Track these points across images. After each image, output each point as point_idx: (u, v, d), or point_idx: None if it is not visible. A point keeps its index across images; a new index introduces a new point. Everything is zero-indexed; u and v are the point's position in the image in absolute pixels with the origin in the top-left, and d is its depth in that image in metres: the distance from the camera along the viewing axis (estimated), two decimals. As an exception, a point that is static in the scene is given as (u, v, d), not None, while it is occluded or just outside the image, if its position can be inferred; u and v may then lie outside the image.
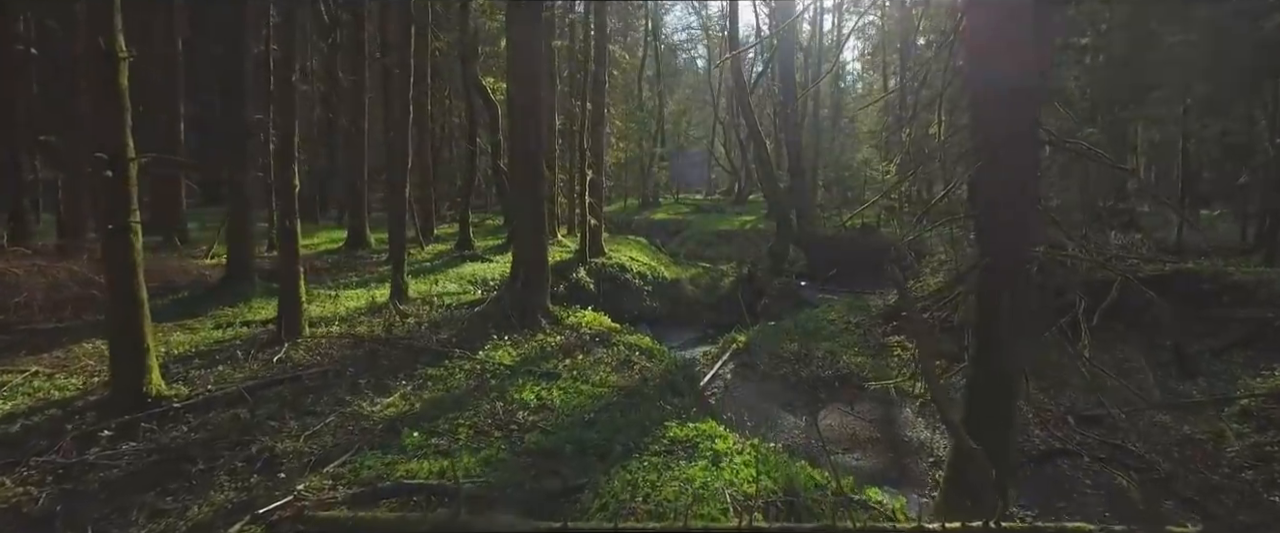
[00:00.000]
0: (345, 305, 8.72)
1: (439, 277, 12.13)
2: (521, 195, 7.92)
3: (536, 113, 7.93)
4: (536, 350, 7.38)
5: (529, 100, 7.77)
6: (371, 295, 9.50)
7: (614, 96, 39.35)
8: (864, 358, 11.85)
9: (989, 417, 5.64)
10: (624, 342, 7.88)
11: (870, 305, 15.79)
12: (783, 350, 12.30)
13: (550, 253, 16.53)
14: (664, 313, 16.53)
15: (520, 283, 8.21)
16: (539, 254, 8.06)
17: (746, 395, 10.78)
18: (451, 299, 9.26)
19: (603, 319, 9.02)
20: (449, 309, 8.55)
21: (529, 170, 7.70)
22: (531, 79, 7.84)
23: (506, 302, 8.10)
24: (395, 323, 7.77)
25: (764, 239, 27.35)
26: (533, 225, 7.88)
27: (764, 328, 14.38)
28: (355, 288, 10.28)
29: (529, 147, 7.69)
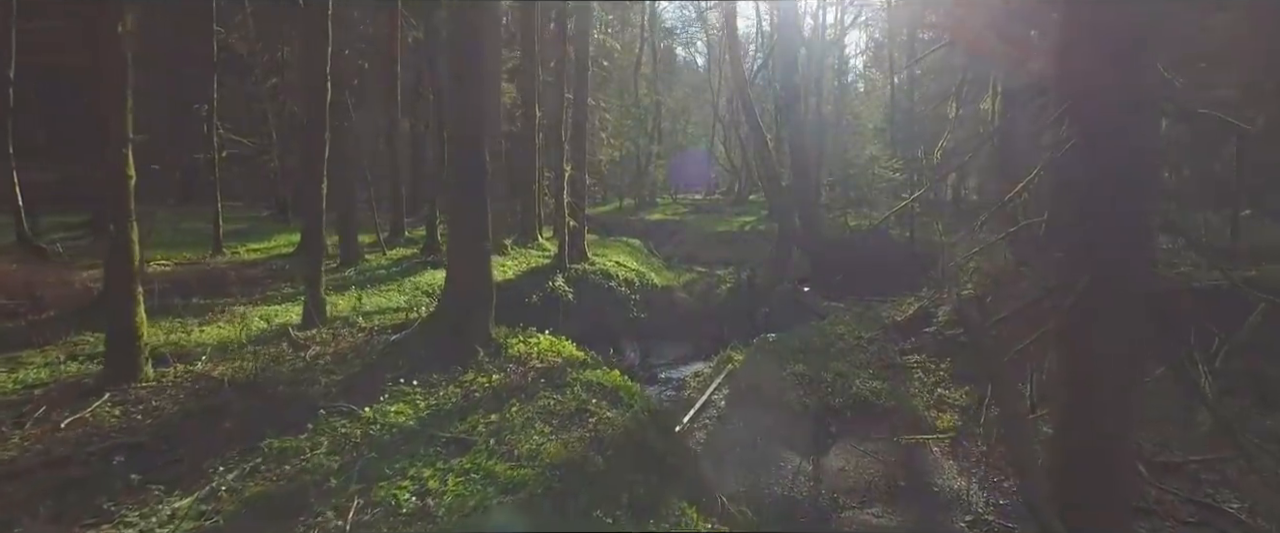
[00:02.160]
0: (238, 331, 7.07)
1: (387, 288, 10.55)
2: (459, 195, 6.37)
3: (479, 93, 6.37)
4: (456, 399, 5.65)
5: (469, 76, 6.21)
6: (288, 315, 7.89)
7: (608, 92, 37.88)
8: (880, 382, 10.23)
9: (1092, 494, 4.02)
10: (583, 380, 6.28)
11: (883, 316, 14.18)
12: (786, 372, 10.68)
13: (525, 259, 14.97)
14: (653, 325, 14.91)
15: (453, 304, 6.60)
16: (479, 269, 6.49)
17: (742, 430, 9.16)
18: (383, 319, 7.64)
19: (563, 346, 7.42)
20: (370, 334, 6.95)
21: (469, 165, 6.15)
22: (473, 50, 6.28)
23: (434, 329, 6.49)
24: (284, 357, 6.17)
25: (765, 241, 25.73)
26: (472, 232, 6.32)
27: (764, 344, 12.76)
28: (274, 305, 8.70)
29: (468, 134, 6.14)
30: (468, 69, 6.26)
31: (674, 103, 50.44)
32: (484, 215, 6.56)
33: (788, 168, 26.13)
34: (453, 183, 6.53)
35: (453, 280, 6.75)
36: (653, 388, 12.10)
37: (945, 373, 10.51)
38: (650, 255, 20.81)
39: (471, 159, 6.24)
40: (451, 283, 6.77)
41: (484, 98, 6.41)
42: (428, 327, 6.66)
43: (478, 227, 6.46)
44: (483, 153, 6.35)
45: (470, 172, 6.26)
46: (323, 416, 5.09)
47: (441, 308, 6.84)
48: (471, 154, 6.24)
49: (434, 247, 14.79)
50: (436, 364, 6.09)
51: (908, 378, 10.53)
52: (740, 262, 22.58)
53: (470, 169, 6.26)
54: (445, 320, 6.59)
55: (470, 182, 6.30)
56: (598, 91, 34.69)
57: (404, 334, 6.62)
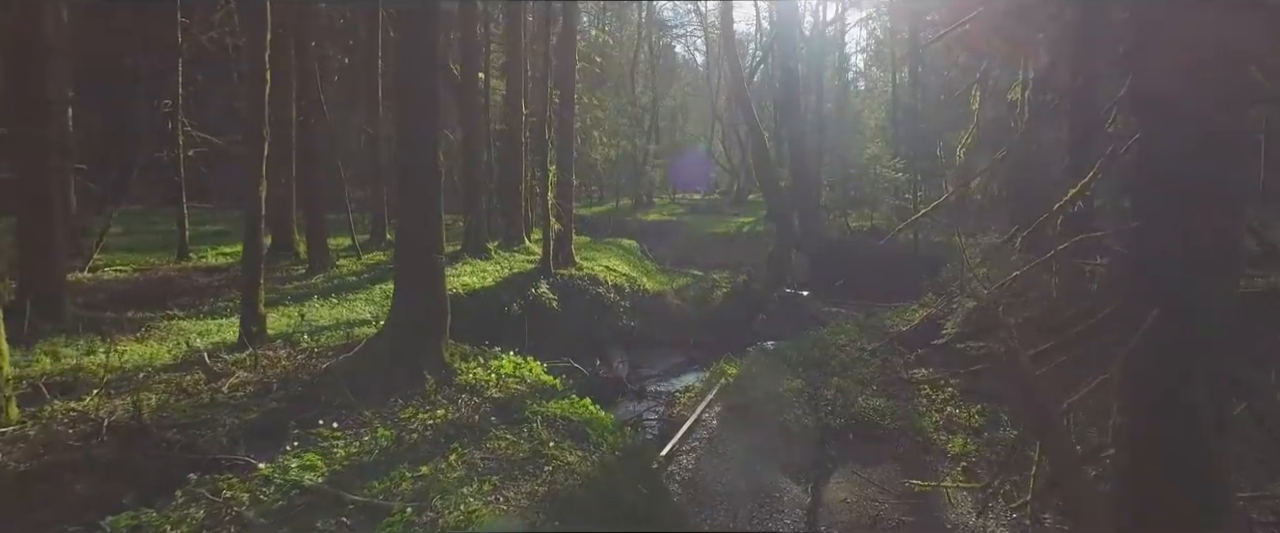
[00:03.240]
0: (162, 352, 6.23)
1: (354, 298, 9.79)
2: (407, 201, 5.58)
3: (429, 88, 5.58)
4: (385, 444, 4.72)
5: (417, 70, 5.42)
6: (227, 332, 7.06)
7: (605, 90, 37.12)
8: (885, 399, 9.44)
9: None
10: (545, 413, 5.49)
11: (886, 325, 13.39)
12: (783, 387, 9.91)
13: (509, 263, 14.20)
14: (643, 334, 14.14)
15: (400, 325, 5.81)
16: (430, 284, 5.69)
17: (735, 453, 8.39)
18: (335, 337, 6.84)
19: (529, 369, 6.62)
20: (311, 356, 6.16)
21: (417, 167, 5.37)
22: (419, 40, 5.48)
23: (377, 353, 5.69)
24: (196, 389, 5.37)
25: (763, 243, 24.94)
26: (422, 243, 5.52)
27: (760, 355, 12.00)
28: (221, 318, 7.92)
29: (418, 135, 5.35)
30: (413, 60, 5.47)
31: (672, 101, 49.73)
32: (436, 224, 5.77)
33: (787, 167, 25.37)
34: (399, 188, 5.73)
35: (400, 298, 5.95)
36: (640, 404, 11.35)
37: (954, 389, 9.72)
38: (643, 258, 20.03)
39: (420, 160, 5.45)
40: (399, 301, 5.97)
41: (433, 103, 5.61)
42: (370, 351, 5.85)
43: (428, 237, 5.67)
44: (433, 153, 5.56)
45: (419, 175, 5.47)
46: (203, 476, 4.15)
47: (386, 330, 6.02)
48: (420, 154, 5.46)
49: (412, 251, 14.00)
50: (375, 396, 5.30)
51: (914, 394, 9.75)
52: (737, 264, 21.78)
53: (419, 172, 5.47)
54: (390, 344, 5.78)
55: (419, 186, 5.51)
56: (594, 90, 33.98)
57: (342, 360, 5.81)
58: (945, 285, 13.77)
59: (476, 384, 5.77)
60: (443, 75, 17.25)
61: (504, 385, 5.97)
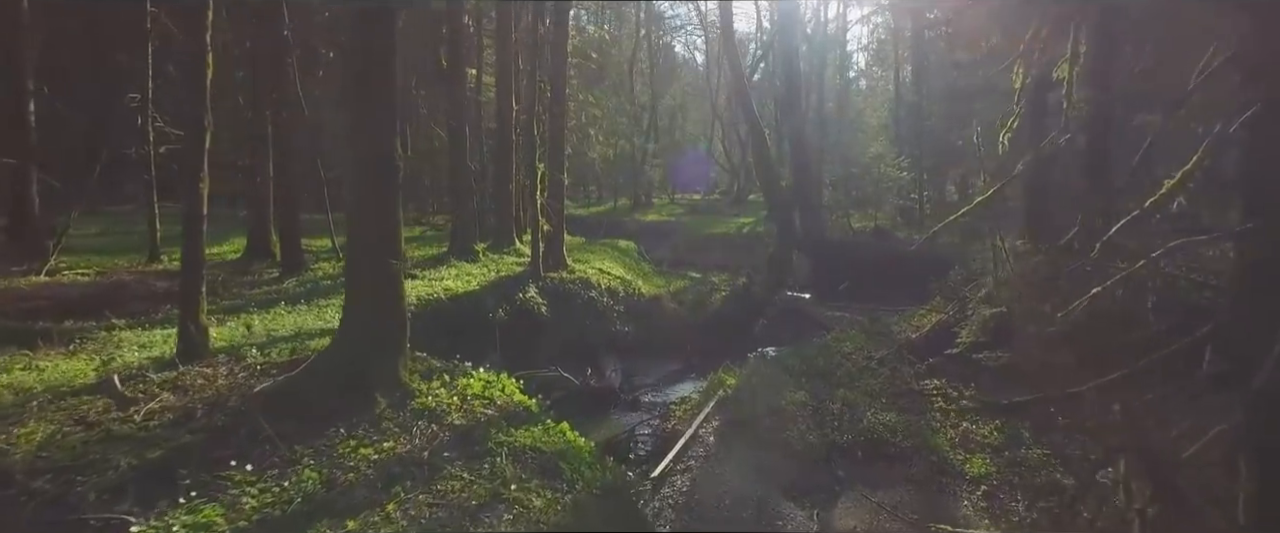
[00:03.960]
0: (81, 370, 5.46)
1: (325, 304, 9.11)
2: (360, 203, 4.88)
3: (385, 72, 4.88)
4: (309, 490, 3.99)
5: (373, 51, 4.73)
6: (168, 344, 6.30)
7: (603, 88, 36.46)
8: (895, 414, 8.75)
9: None
10: (513, 443, 4.80)
11: (894, 330, 12.71)
12: (785, 400, 9.22)
13: (497, 266, 13.51)
14: (639, 340, 13.47)
15: (350, 341, 5.10)
16: (386, 294, 4.98)
17: (734, 474, 7.72)
18: (289, 349, 6.13)
19: (501, 387, 5.91)
20: (251, 375, 5.45)
21: (373, 161, 4.69)
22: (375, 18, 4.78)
23: (323, 374, 4.97)
24: (103, 418, 4.66)
25: (763, 244, 24.27)
26: (378, 247, 4.83)
27: (761, 364, 11.33)
28: (170, 327, 7.19)
29: (373, 125, 4.67)
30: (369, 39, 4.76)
31: (671, 101, 49.10)
32: (392, 226, 5.06)
33: (788, 167, 24.71)
34: (350, 185, 5.03)
35: (351, 310, 5.24)
36: (633, 416, 10.67)
37: (970, 403, 9.03)
38: (640, 260, 19.35)
39: (376, 154, 4.75)
40: (349, 313, 5.26)
41: (390, 95, 4.91)
42: (315, 370, 5.13)
43: (384, 241, 4.95)
44: (389, 146, 4.86)
45: (374, 171, 4.78)
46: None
47: (335, 346, 5.30)
48: (375, 147, 4.76)
49: (396, 253, 13.31)
50: (313, 426, 4.61)
51: (927, 408, 9.06)
52: (737, 266, 21.11)
53: (374, 168, 4.77)
54: (338, 362, 5.05)
55: (374, 183, 4.82)
56: (592, 88, 33.31)
57: (282, 380, 5.09)
58: (957, 290, 13.11)
59: (436, 409, 5.07)
60: (433, 69, 16.59)
61: (469, 409, 5.28)
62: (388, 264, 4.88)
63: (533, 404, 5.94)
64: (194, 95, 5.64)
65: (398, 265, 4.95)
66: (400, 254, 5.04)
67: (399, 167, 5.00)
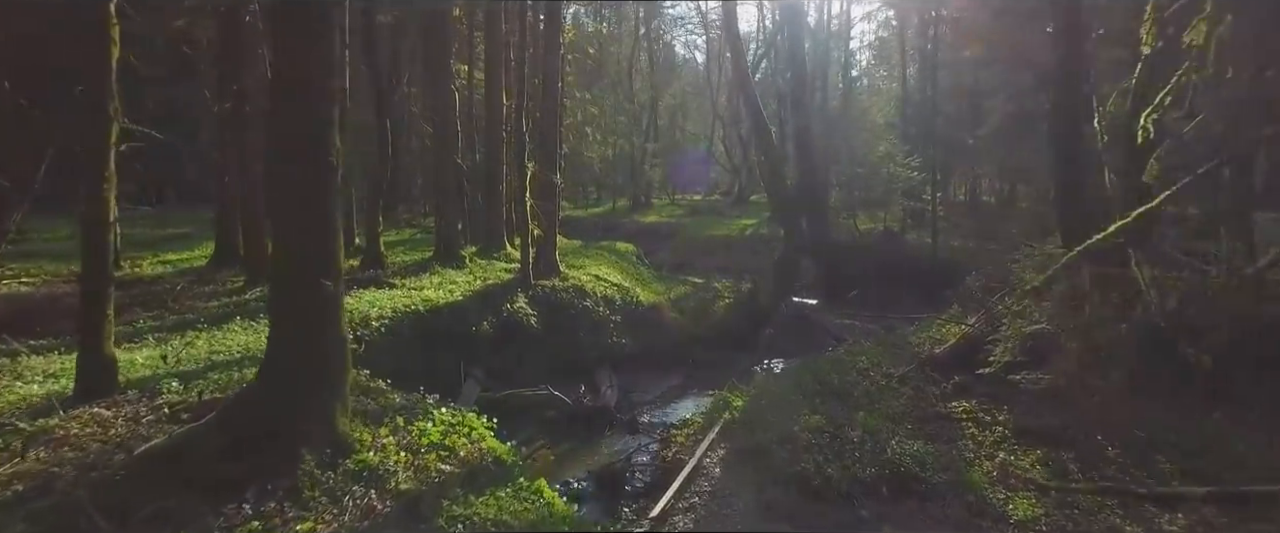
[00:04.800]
0: None
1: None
2: (284, 206, 3.94)
3: (316, 51, 3.93)
4: None
5: (298, 27, 3.79)
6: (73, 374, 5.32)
7: (601, 87, 35.56)
8: (923, 442, 7.80)
9: None
10: (472, 518, 3.85)
11: (912, 343, 11.79)
12: (799, 425, 8.27)
13: (485, 273, 12.59)
14: (637, 352, 12.54)
15: (273, 382, 4.13)
16: (318, 324, 3.99)
17: (743, 513, 6.80)
18: (215, 383, 5.14)
19: (469, 431, 4.95)
20: (159, 420, 4.49)
21: (300, 158, 3.75)
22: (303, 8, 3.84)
23: (238, 423, 4.00)
24: None
25: (767, 247, 23.37)
26: (307, 263, 3.89)
27: (770, 381, 10.41)
28: (67, 354, 6.15)
29: (299, 114, 3.76)
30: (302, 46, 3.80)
31: (672, 100, 48.22)
32: (326, 238, 4.06)
33: (793, 166, 23.79)
34: (268, 185, 4.06)
35: (275, 343, 4.22)
36: (630, 439, 9.75)
37: (1005, 428, 8.10)
38: (639, 264, 18.43)
39: (303, 150, 3.81)
40: (273, 347, 4.25)
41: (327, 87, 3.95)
42: (227, 420, 4.15)
43: (315, 256, 3.97)
44: (324, 141, 3.88)
45: (302, 171, 3.82)
46: None
47: (254, 388, 4.30)
48: (303, 141, 3.81)
49: (376, 260, 12.41)
50: (210, 499, 3.64)
51: (958, 435, 8.12)
52: (740, 270, 20.20)
53: (302, 167, 3.82)
54: (257, 408, 4.09)
55: (304, 188, 3.85)
56: (590, 86, 32.42)
57: (177, 436, 4.10)
58: (979, 298, 12.18)
59: (379, 468, 4.09)
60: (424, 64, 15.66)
61: (422, 466, 4.32)
62: (319, 290, 3.89)
63: (505, 452, 5.01)
64: (96, 77, 4.72)
65: (332, 287, 3.98)
66: (336, 273, 4.06)
67: (336, 165, 4.04)
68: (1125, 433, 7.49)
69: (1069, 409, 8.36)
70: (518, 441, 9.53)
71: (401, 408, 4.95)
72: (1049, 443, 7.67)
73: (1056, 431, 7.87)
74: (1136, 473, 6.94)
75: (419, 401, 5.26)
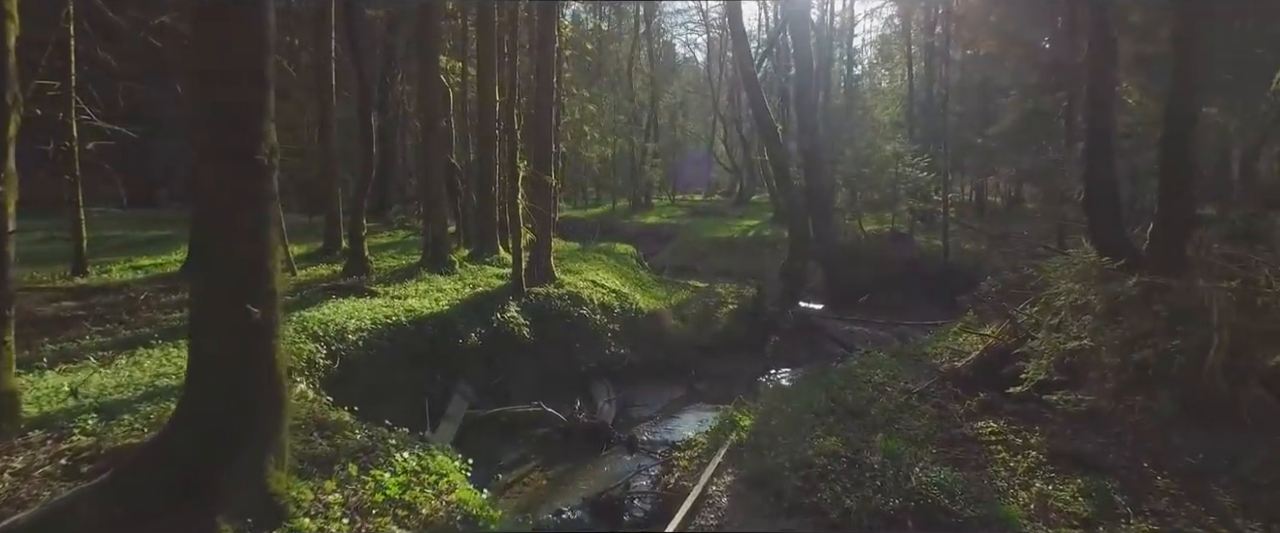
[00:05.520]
0: None
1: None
2: (210, 218, 3.21)
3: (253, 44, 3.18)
4: None
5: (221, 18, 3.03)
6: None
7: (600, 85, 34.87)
8: (949, 468, 7.10)
9: None
10: None
11: (928, 353, 11.10)
12: (812, 449, 7.56)
13: (475, 279, 11.89)
14: (636, 363, 11.84)
15: (193, 426, 3.40)
16: (248, 356, 3.26)
17: (754, 554, 6.09)
18: (147, 418, 4.43)
19: (438, 476, 4.18)
20: (56, 473, 3.78)
21: (225, 165, 3.04)
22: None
23: (146, 477, 3.20)
24: None
25: (770, 249, 22.70)
26: (234, 284, 3.19)
27: (778, 397, 9.70)
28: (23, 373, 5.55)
29: (223, 117, 3.03)
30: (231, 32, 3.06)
31: (672, 99, 47.57)
32: (260, 254, 3.28)
33: (798, 166, 23.08)
34: (194, 195, 3.30)
35: (196, 381, 3.40)
36: (628, 458, 9.06)
37: (1038, 453, 7.39)
38: (639, 267, 17.74)
39: (230, 146, 3.08)
40: (193, 386, 3.45)
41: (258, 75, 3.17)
42: (132, 475, 3.38)
43: (245, 280, 3.21)
44: (252, 134, 3.16)
45: (227, 179, 3.08)
46: None
47: (168, 435, 3.55)
48: (229, 137, 3.09)
49: (360, 265, 11.71)
50: None
51: (987, 460, 7.42)
52: (743, 274, 19.52)
53: (226, 175, 3.08)
54: (165, 465, 3.34)
55: (229, 194, 3.11)
56: (590, 84, 31.73)
57: (61, 502, 3.33)
58: (997, 305, 11.48)
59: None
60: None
61: (375, 527, 3.62)
62: (245, 314, 3.16)
63: (479, 505, 4.27)
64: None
65: (261, 315, 3.21)
66: (269, 296, 3.33)
67: (268, 165, 3.31)
68: (1175, 460, 6.81)
69: (1107, 431, 7.70)
70: (507, 461, 8.86)
71: (359, 449, 4.24)
72: (1089, 470, 6.95)
73: (1096, 455, 7.17)
74: (1192, 508, 6.24)
75: (383, 438, 4.55)
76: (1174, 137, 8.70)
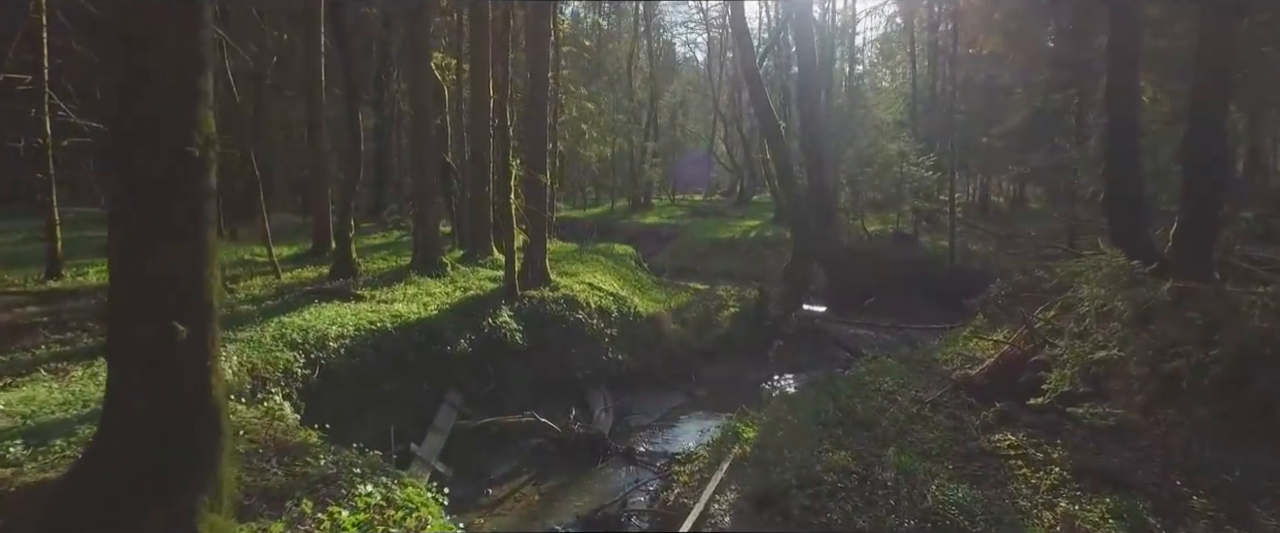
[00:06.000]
0: None
1: (232, 338, 7.06)
2: (129, 221, 2.73)
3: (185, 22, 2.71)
4: None
5: None
6: None
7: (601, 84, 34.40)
8: (967, 486, 6.66)
9: None
10: None
11: (939, 361, 10.65)
12: (821, 464, 7.11)
13: (467, 282, 11.43)
14: (634, 369, 11.40)
15: (109, 462, 2.88)
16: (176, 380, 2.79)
17: (760, 581, 5.65)
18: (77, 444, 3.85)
19: (407, 512, 3.68)
20: None
21: (148, 156, 2.59)
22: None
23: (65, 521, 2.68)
24: None
25: (771, 250, 22.26)
26: (158, 295, 2.77)
27: (783, 406, 9.25)
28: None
29: (144, 98, 2.58)
30: None
31: (672, 98, 47.12)
32: (191, 264, 2.72)
33: (801, 164, 22.64)
34: (114, 203, 2.75)
35: (110, 414, 2.79)
36: (625, 471, 8.62)
37: (1062, 468, 6.94)
38: (638, 268, 17.28)
39: (150, 135, 2.58)
40: (107, 420, 2.87)
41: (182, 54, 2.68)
42: (39, 520, 2.93)
43: (170, 291, 2.69)
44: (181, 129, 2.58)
45: (149, 171, 2.58)
46: None
47: (77, 478, 2.90)
48: (150, 123, 2.59)
49: (347, 266, 11.26)
50: None
51: (1008, 476, 6.97)
52: (745, 275, 19.08)
53: (149, 168, 2.57)
54: (74, 513, 2.79)
55: (150, 194, 2.62)
56: (590, 82, 31.24)
57: None
58: (1007, 308, 11.06)
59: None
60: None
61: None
62: (172, 332, 2.66)
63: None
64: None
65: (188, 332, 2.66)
66: (203, 309, 2.80)
67: (203, 158, 2.78)
68: (1210, 477, 6.37)
69: (1133, 445, 7.26)
70: (497, 475, 8.42)
71: (319, 479, 3.77)
72: (1117, 487, 6.51)
73: (1124, 472, 6.72)
74: (1231, 530, 5.80)
75: (350, 464, 4.08)
76: (1200, 133, 8.26)
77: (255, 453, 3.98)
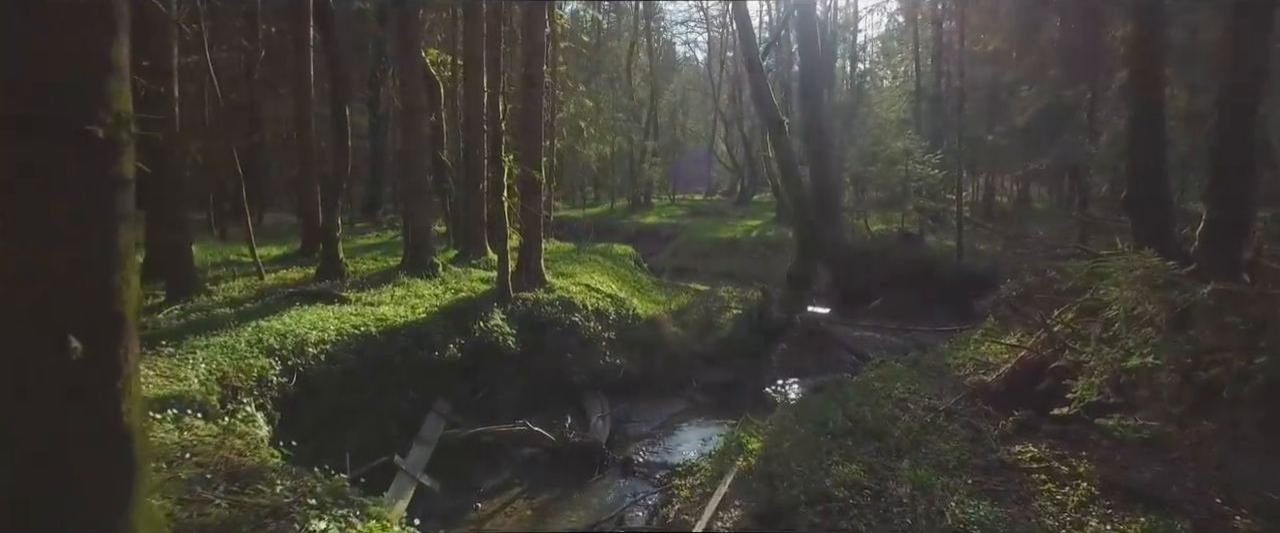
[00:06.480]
0: None
1: (192, 348, 6.62)
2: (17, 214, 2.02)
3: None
4: None
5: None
6: None
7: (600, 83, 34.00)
8: (988, 503, 6.20)
9: None
10: None
11: (951, 365, 10.19)
12: (830, 478, 6.66)
13: (460, 283, 10.99)
14: (633, 374, 10.95)
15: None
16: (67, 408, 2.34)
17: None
18: None
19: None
20: None
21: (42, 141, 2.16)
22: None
23: None
24: None
25: (774, 250, 21.81)
26: (53, 306, 2.08)
27: (789, 415, 8.79)
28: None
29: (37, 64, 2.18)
30: None
31: (672, 97, 46.71)
32: (100, 268, 2.19)
33: (803, 162, 22.15)
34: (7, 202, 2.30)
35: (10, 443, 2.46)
36: (622, 482, 8.17)
37: (1089, 483, 6.48)
38: (637, 269, 16.85)
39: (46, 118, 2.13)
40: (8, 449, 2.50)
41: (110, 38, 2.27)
42: None
43: (68, 300, 2.17)
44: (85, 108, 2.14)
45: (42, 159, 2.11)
46: None
47: None
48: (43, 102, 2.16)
49: (333, 267, 10.82)
50: None
51: (1032, 492, 6.51)
52: (746, 276, 18.63)
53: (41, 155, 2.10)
54: None
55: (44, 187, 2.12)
56: (589, 80, 30.84)
57: None
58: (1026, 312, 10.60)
59: None
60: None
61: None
62: (67, 350, 2.17)
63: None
64: None
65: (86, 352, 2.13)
66: (114, 323, 2.32)
67: (117, 141, 2.27)
68: (1251, 494, 5.92)
69: (1164, 458, 6.81)
70: (488, 488, 7.97)
71: (269, 512, 3.31)
72: (1151, 505, 6.04)
73: (1157, 487, 6.27)
74: (1280, 554, 5.35)
75: (308, 491, 3.60)
76: (1229, 127, 7.82)
77: (200, 480, 3.53)
